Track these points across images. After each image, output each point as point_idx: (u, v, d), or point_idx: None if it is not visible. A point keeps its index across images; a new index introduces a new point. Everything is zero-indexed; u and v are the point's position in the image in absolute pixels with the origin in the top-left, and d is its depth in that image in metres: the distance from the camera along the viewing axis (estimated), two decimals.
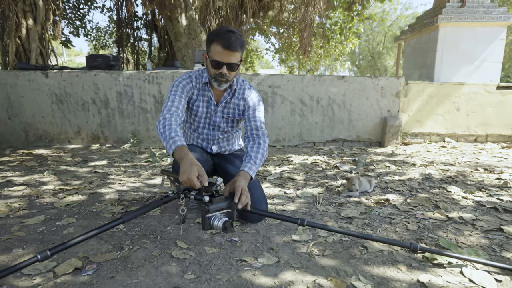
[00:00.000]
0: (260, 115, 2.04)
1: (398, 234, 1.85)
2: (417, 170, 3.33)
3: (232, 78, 1.89)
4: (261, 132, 1.99)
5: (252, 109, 2.02)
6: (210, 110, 2.06)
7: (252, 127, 1.99)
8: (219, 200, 1.52)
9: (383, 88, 4.57)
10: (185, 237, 1.81)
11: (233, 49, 1.73)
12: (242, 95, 2.05)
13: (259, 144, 1.93)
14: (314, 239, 1.79)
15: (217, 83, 1.88)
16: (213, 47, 1.77)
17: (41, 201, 2.41)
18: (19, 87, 4.51)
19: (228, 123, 2.12)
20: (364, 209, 2.25)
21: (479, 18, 4.90)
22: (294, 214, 2.20)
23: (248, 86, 2.09)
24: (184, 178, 1.49)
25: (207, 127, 2.13)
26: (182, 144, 1.64)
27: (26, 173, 3.19)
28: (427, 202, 2.37)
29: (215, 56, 1.77)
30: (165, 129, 1.70)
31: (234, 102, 2.05)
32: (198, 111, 2.06)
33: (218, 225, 1.45)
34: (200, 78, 2.02)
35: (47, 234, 1.84)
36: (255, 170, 1.83)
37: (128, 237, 1.80)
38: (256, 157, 1.87)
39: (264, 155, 1.92)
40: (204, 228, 1.48)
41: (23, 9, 4.82)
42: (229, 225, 1.45)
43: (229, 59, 1.76)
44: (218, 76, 1.83)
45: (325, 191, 2.71)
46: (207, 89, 2.03)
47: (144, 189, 2.74)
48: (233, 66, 1.81)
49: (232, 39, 1.72)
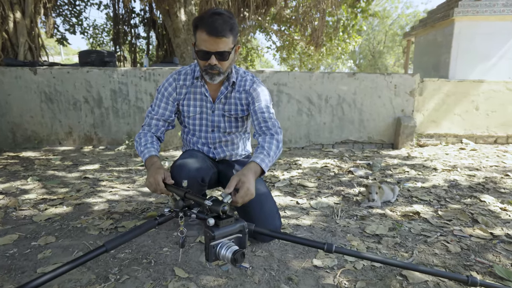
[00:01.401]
0: (267, 105, 1.71)
1: (439, 258, 1.55)
2: (440, 176, 3.02)
3: (226, 69, 1.58)
4: (271, 123, 1.66)
5: (257, 100, 1.71)
6: (205, 108, 1.76)
7: (259, 120, 1.67)
8: (227, 223, 1.18)
9: (396, 86, 4.26)
10: (184, 262, 1.50)
11: (220, 34, 1.43)
12: (244, 87, 1.73)
13: (271, 135, 1.62)
14: (340, 265, 1.49)
15: (209, 77, 1.58)
16: (198, 35, 1.47)
17: (19, 213, 2.09)
18: (6, 84, 4.18)
19: (231, 123, 1.80)
20: (391, 224, 1.95)
21: (497, 11, 4.60)
22: (310, 229, 1.89)
23: (250, 77, 1.77)
24: (150, 179, 1.44)
25: (204, 129, 1.81)
26: (151, 155, 1.59)
27: (8, 180, 2.87)
28: (462, 215, 2.06)
29: (201, 45, 1.47)
30: (138, 143, 1.69)
31: (235, 96, 1.74)
32: (190, 111, 1.77)
33: (227, 256, 1.12)
34: (192, 73, 1.73)
35: (18, 258, 1.52)
36: (268, 163, 1.50)
37: (116, 263, 1.50)
38: (270, 148, 1.55)
39: (279, 147, 1.60)
40: (208, 259, 1.15)
41: (10, 0, 4.49)
42: (240, 256, 1.12)
43: (217, 47, 1.46)
44: (208, 68, 1.54)
45: (342, 200, 2.40)
46: (199, 85, 1.73)
47: (138, 199, 2.43)
48: (224, 55, 1.50)
49: (218, 23, 1.42)
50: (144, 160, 1.60)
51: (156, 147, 1.66)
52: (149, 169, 1.51)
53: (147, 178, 1.47)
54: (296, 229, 1.90)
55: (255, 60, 17.19)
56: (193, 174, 1.56)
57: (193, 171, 1.57)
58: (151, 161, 1.56)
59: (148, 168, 1.54)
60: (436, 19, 5.13)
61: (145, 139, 1.67)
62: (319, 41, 6.71)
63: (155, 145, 1.66)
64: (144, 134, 1.70)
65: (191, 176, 1.54)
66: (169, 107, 1.76)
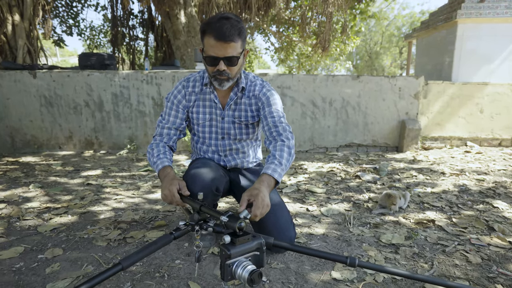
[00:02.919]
0: (278, 109, 1.66)
1: (461, 270, 1.51)
2: (449, 180, 2.99)
3: (235, 74, 1.54)
4: (282, 127, 1.59)
5: (267, 105, 1.65)
6: (215, 115, 1.72)
7: (270, 125, 1.61)
8: (244, 240, 1.12)
9: (400, 88, 4.23)
10: (198, 275, 1.45)
11: (228, 39, 1.39)
12: (253, 92, 1.69)
13: (282, 142, 1.54)
14: (359, 277, 1.44)
15: (218, 82, 1.54)
16: (206, 40, 1.44)
17: (22, 224, 2.03)
18: (4, 88, 4.10)
19: (241, 129, 1.75)
20: (406, 232, 1.91)
21: (500, 13, 4.59)
22: (324, 239, 1.85)
23: (260, 82, 1.73)
24: (165, 191, 1.40)
25: (214, 137, 1.77)
26: (164, 166, 1.55)
27: (9, 187, 2.80)
28: (477, 223, 2.02)
29: (209, 51, 1.44)
30: (151, 154, 1.64)
31: (244, 102, 1.70)
32: (199, 119, 1.73)
33: (243, 276, 1.06)
34: (201, 80, 1.70)
35: (25, 273, 1.46)
36: (281, 172, 1.44)
37: (128, 277, 1.44)
38: (282, 156, 1.47)
39: (291, 154, 1.53)
40: (224, 279, 1.09)
41: (9, 3, 4.41)
42: (257, 277, 1.05)
43: (225, 52, 1.42)
44: (216, 74, 1.50)
45: (353, 207, 2.36)
46: (208, 92, 1.69)
47: (145, 206, 2.37)
48: (233, 60, 1.46)
49: (226, 28, 1.38)
50: (157, 171, 1.55)
51: (169, 157, 1.61)
52: (163, 181, 1.47)
53: (162, 190, 1.43)
54: (309, 239, 1.85)
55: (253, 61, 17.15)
56: (207, 184, 1.52)
57: (207, 181, 1.53)
58: (164, 172, 1.51)
59: (162, 180, 1.49)
60: (438, 21, 5.11)
61: (158, 150, 1.62)
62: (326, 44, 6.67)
63: (167, 155, 1.61)
64: (156, 145, 1.66)
65: (206, 186, 1.50)
66: (180, 115, 1.72)
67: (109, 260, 1.59)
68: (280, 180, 1.44)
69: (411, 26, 24.69)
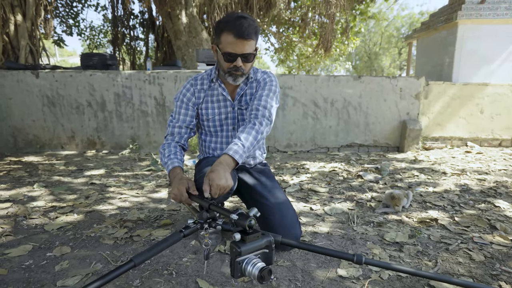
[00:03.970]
0: (268, 94, 1.67)
1: (464, 267, 1.53)
2: (450, 180, 3.01)
3: (248, 70, 1.62)
4: (261, 112, 1.60)
5: (261, 88, 1.70)
6: (225, 108, 1.77)
7: (253, 108, 1.64)
8: (254, 238, 1.14)
9: (402, 89, 4.26)
10: (206, 273, 1.47)
11: (247, 37, 1.46)
12: (255, 77, 1.76)
13: (253, 125, 1.55)
14: (365, 275, 1.46)
15: (232, 78, 1.60)
16: (223, 38, 1.49)
17: (29, 222, 2.04)
18: (7, 88, 4.12)
19: (243, 115, 1.80)
20: (409, 231, 1.93)
21: (500, 14, 4.62)
22: (329, 237, 1.87)
23: (262, 71, 1.80)
24: (174, 191, 1.42)
25: (225, 129, 1.81)
26: (174, 167, 1.57)
27: (13, 186, 2.82)
28: (479, 222, 2.05)
29: (227, 48, 1.50)
30: (162, 154, 1.67)
31: (248, 88, 1.76)
32: (209, 114, 1.77)
33: (253, 273, 1.07)
34: (208, 78, 1.76)
35: (35, 271, 1.48)
36: (242, 154, 1.43)
37: (137, 274, 1.46)
38: (247, 139, 1.48)
39: (257, 138, 1.53)
40: (234, 276, 1.11)
41: (11, 3, 4.41)
42: (267, 274, 1.07)
43: (243, 49, 1.49)
44: (232, 70, 1.56)
45: (356, 206, 2.38)
46: (216, 87, 1.74)
47: (149, 205, 2.39)
48: (248, 57, 1.54)
49: (245, 26, 1.45)
50: (167, 171, 1.59)
51: (180, 157, 1.64)
52: (173, 181, 1.50)
53: (171, 189, 1.45)
54: (314, 237, 1.87)
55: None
56: None
57: None
58: (174, 172, 1.55)
59: (172, 180, 1.52)
60: (439, 22, 5.14)
61: (169, 150, 1.65)
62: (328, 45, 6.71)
63: (178, 155, 1.64)
64: (168, 145, 1.69)
65: None
66: (190, 112, 1.75)
67: (117, 258, 1.61)
68: (241, 162, 1.44)
69: (410, 27, 24.76)
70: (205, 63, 4.51)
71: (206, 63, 4.50)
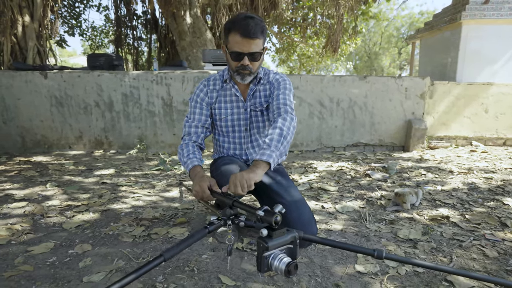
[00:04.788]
0: (285, 92, 1.72)
1: (479, 263, 1.56)
2: (457, 179, 3.05)
3: (256, 69, 1.67)
4: (283, 109, 1.64)
5: (277, 88, 1.74)
6: (237, 108, 1.81)
7: (274, 108, 1.68)
8: (280, 234, 1.18)
9: (407, 89, 4.29)
10: (226, 270, 1.50)
11: (253, 36, 1.51)
12: (267, 79, 1.80)
13: (277, 123, 1.55)
14: (382, 271, 1.50)
15: (240, 77, 1.65)
16: (231, 37, 1.55)
17: (47, 221, 2.07)
18: (15, 88, 4.15)
19: (258, 117, 1.83)
20: (422, 228, 1.96)
21: (504, 15, 4.66)
22: (343, 234, 1.90)
23: (275, 72, 1.85)
24: (196, 188, 1.46)
25: (238, 129, 1.85)
26: (194, 166, 1.61)
27: (26, 185, 2.85)
28: (490, 219, 2.08)
29: (234, 47, 1.55)
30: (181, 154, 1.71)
31: (260, 89, 1.80)
32: (222, 113, 1.82)
33: (280, 268, 1.11)
34: (220, 78, 1.81)
35: (60, 267, 1.51)
36: (270, 154, 1.44)
37: (159, 271, 1.49)
38: (272, 139, 1.49)
39: (282, 134, 1.51)
40: (260, 270, 1.14)
41: (19, 4, 4.45)
42: (293, 268, 1.11)
43: (249, 48, 1.54)
44: (240, 69, 1.61)
45: (366, 204, 2.41)
46: (229, 87, 1.79)
47: (163, 204, 2.42)
48: (255, 56, 1.58)
49: (251, 25, 1.50)
50: (187, 170, 1.62)
51: (199, 156, 1.68)
52: (194, 179, 1.54)
53: (193, 187, 1.49)
54: (328, 234, 1.91)
55: None
56: None
57: None
58: (194, 171, 1.58)
59: (193, 178, 1.56)
60: (442, 22, 5.18)
61: (187, 150, 1.69)
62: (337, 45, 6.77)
63: (197, 155, 1.68)
64: (186, 145, 1.73)
65: None
66: (204, 111, 1.80)
67: (137, 255, 1.64)
68: (271, 161, 1.44)
69: (410, 27, 24.80)
70: (212, 64, 4.55)
71: (213, 63, 4.54)
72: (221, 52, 4.52)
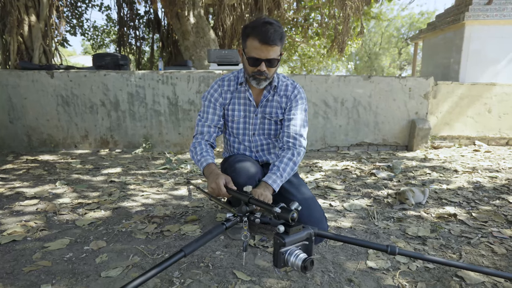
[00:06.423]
0: (300, 123, 1.80)
1: (488, 259, 1.59)
2: (462, 178, 3.08)
3: (272, 74, 1.68)
4: (298, 142, 1.75)
5: (294, 109, 1.79)
6: (249, 112, 1.82)
7: (289, 133, 1.76)
8: (296, 230, 1.20)
9: (411, 89, 4.32)
10: (241, 265, 1.53)
11: (272, 43, 1.51)
12: (285, 92, 1.81)
13: (292, 156, 1.71)
14: (394, 266, 1.53)
15: (256, 82, 1.66)
16: (249, 42, 1.56)
17: (60, 218, 2.10)
18: (22, 88, 4.17)
19: (271, 125, 1.86)
20: (430, 225, 1.99)
21: (507, 15, 4.69)
22: (352, 232, 1.93)
23: (291, 82, 1.85)
24: (212, 185, 1.49)
25: (247, 133, 1.87)
26: (208, 163, 1.64)
27: (36, 184, 2.88)
28: (496, 217, 2.11)
29: (252, 53, 1.56)
30: (194, 152, 1.75)
31: (276, 99, 1.81)
32: (234, 115, 1.84)
33: (296, 264, 1.14)
34: (235, 80, 1.81)
35: (77, 263, 1.54)
36: (279, 183, 1.62)
37: (175, 267, 1.52)
38: (285, 170, 1.66)
39: (294, 169, 1.71)
40: (277, 266, 1.17)
41: (26, 4, 4.48)
42: (309, 264, 1.14)
43: (267, 54, 1.55)
44: (256, 74, 1.62)
45: (374, 203, 2.44)
46: (243, 90, 1.80)
47: (172, 202, 2.45)
48: (273, 62, 1.59)
49: (270, 32, 1.50)
50: (201, 168, 1.65)
51: (212, 154, 1.71)
52: (209, 177, 1.56)
53: (208, 184, 1.51)
54: (338, 231, 1.94)
55: None
56: (252, 176, 1.62)
57: (252, 174, 1.63)
58: (209, 169, 1.61)
59: (207, 176, 1.59)
60: (445, 22, 5.21)
61: (200, 148, 1.72)
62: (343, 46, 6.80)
63: (210, 153, 1.71)
64: (199, 143, 1.75)
65: (251, 178, 1.60)
66: (217, 112, 1.82)
67: (152, 251, 1.67)
68: (277, 190, 1.62)
69: (410, 27, 24.84)
70: (217, 63, 4.58)
71: (218, 63, 4.57)
72: (225, 52, 4.55)
